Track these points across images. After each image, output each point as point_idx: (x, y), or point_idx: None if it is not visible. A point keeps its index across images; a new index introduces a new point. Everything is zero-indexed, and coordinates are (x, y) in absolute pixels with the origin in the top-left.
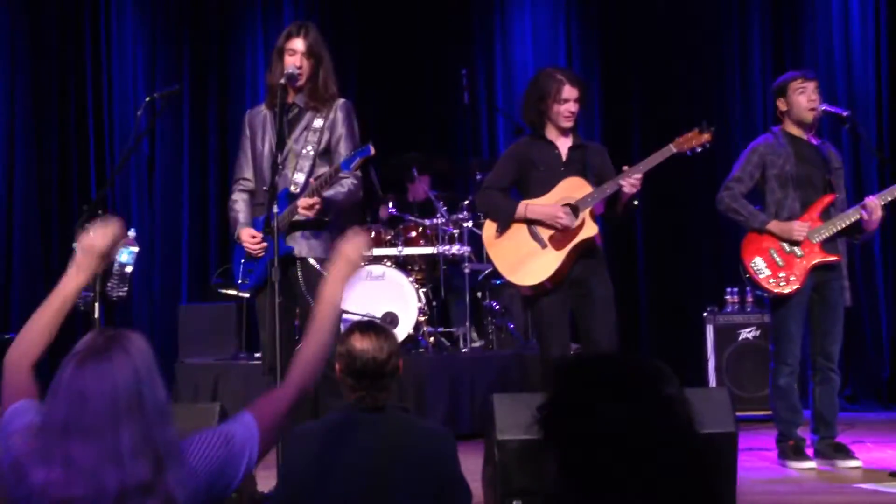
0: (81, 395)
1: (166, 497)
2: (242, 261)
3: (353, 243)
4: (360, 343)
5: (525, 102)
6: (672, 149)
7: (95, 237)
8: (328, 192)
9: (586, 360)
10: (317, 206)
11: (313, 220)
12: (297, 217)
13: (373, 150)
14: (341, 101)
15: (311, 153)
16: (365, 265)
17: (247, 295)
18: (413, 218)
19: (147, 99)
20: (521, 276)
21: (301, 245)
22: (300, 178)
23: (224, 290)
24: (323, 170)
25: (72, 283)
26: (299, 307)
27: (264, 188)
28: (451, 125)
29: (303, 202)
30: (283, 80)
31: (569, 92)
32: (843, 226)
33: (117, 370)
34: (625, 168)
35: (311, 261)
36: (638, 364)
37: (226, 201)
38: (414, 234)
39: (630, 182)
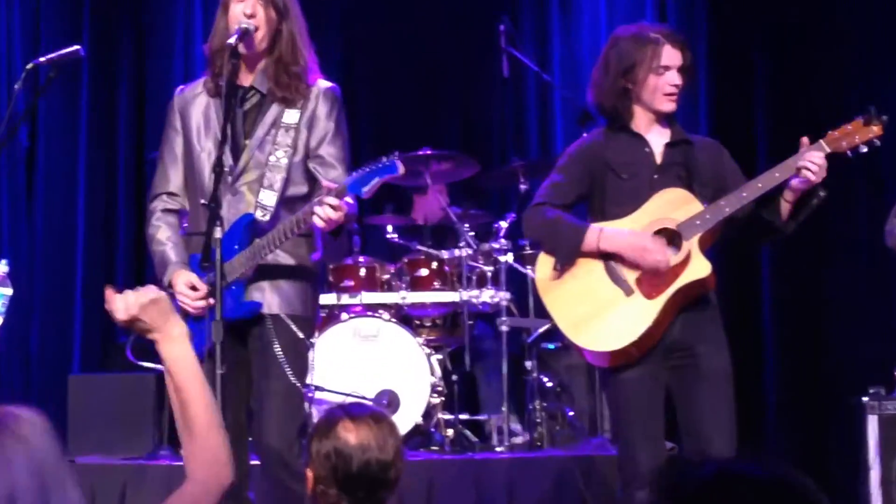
0: None
1: None
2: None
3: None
4: (354, 436)
5: (599, 77)
6: (825, 147)
7: None
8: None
9: (696, 477)
10: (342, 211)
11: (291, 261)
12: (275, 257)
13: (401, 169)
14: (325, 85)
15: (285, 162)
16: (347, 319)
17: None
18: (423, 248)
19: (27, 67)
20: (593, 337)
21: (271, 297)
22: (268, 199)
23: (141, 361)
24: (300, 188)
25: None
26: (263, 383)
27: (203, 204)
28: (482, 110)
29: (332, 199)
30: (232, 40)
31: (670, 56)
32: None
33: (10, 467)
34: (804, 140)
35: (284, 317)
36: (780, 486)
37: (142, 222)
38: (425, 271)
39: (811, 163)
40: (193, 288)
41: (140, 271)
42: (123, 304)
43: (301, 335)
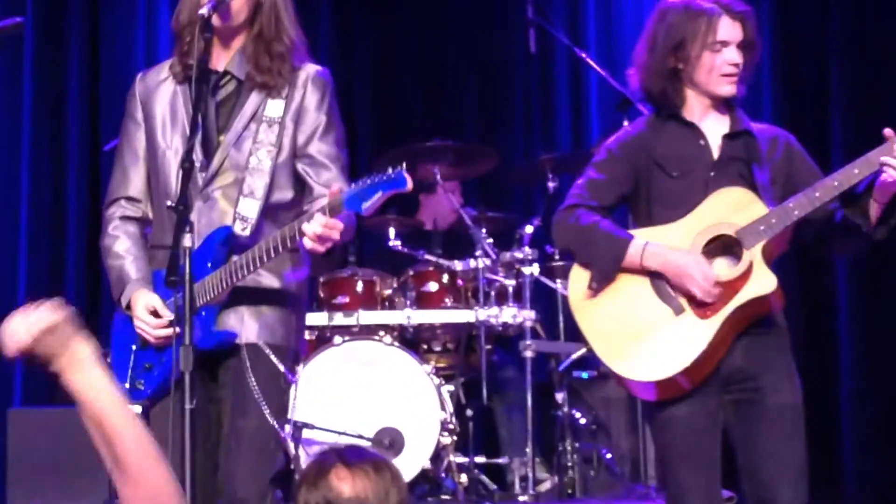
0: None
1: None
2: (134, 347)
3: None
4: (350, 486)
5: (644, 56)
6: None
7: None
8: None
9: None
10: (338, 231)
11: (273, 282)
12: (255, 277)
13: (410, 184)
14: (313, 69)
15: (268, 165)
16: (341, 343)
17: (137, 409)
18: (432, 257)
19: None
20: (636, 364)
21: (250, 324)
22: (249, 208)
23: None
24: (285, 194)
25: None
26: (234, 423)
27: (169, 206)
28: (503, 93)
29: (322, 219)
30: (204, 10)
31: (728, 30)
32: None
33: None
34: (888, 132)
35: (262, 345)
36: None
37: (96, 230)
38: (434, 286)
39: None
40: (155, 314)
41: (94, 287)
42: (12, 332)
43: (282, 368)
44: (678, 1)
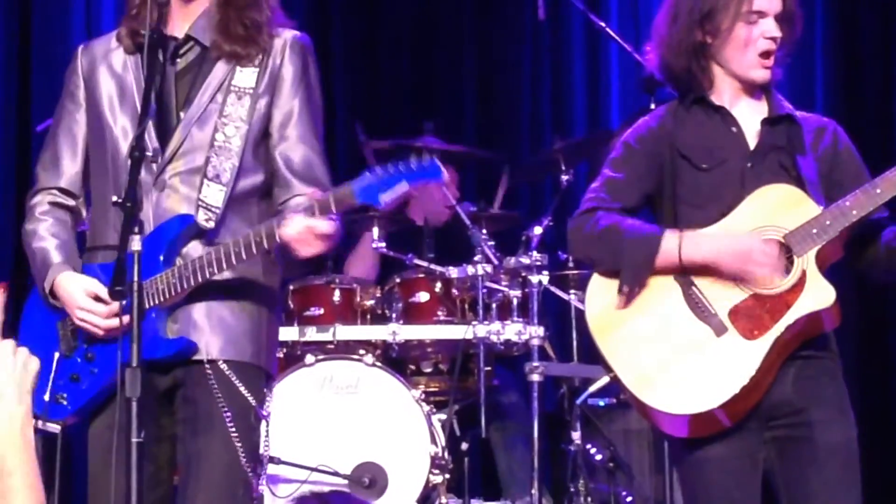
0: None
1: None
2: (57, 354)
3: None
4: None
5: (666, 28)
6: None
7: None
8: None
9: None
10: (329, 238)
11: (237, 283)
12: (224, 274)
13: (446, 175)
14: (291, 35)
15: (237, 144)
16: (314, 363)
17: (56, 428)
18: (422, 262)
19: None
20: (669, 394)
21: (210, 337)
22: (216, 194)
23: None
24: (255, 178)
25: None
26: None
27: (115, 202)
28: (507, 69)
29: (307, 221)
30: None
31: None
32: None
33: None
34: None
35: (223, 365)
36: None
37: (18, 226)
38: (424, 296)
39: None
40: (96, 298)
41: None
42: None
43: (250, 397)
44: None
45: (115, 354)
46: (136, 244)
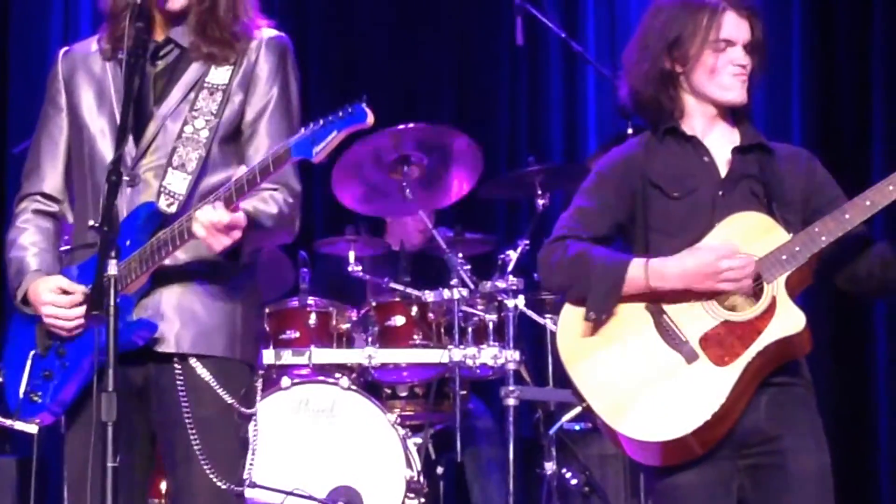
0: None
1: None
2: (32, 353)
3: None
4: None
5: (635, 56)
6: None
7: None
8: (247, 206)
9: None
10: (237, 230)
11: (207, 270)
12: (182, 262)
13: (371, 117)
14: (268, 34)
15: (205, 135)
16: (290, 386)
17: (32, 428)
18: (398, 285)
19: None
20: (640, 422)
21: (176, 326)
22: (179, 182)
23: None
24: (227, 172)
25: None
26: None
27: (92, 226)
28: (484, 91)
29: (209, 214)
30: None
31: (734, 27)
32: None
33: None
34: None
35: (195, 362)
36: None
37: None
38: (400, 320)
39: None
40: (65, 293)
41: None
42: None
43: (227, 397)
44: None
45: (85, 346)
46: (112, 268)
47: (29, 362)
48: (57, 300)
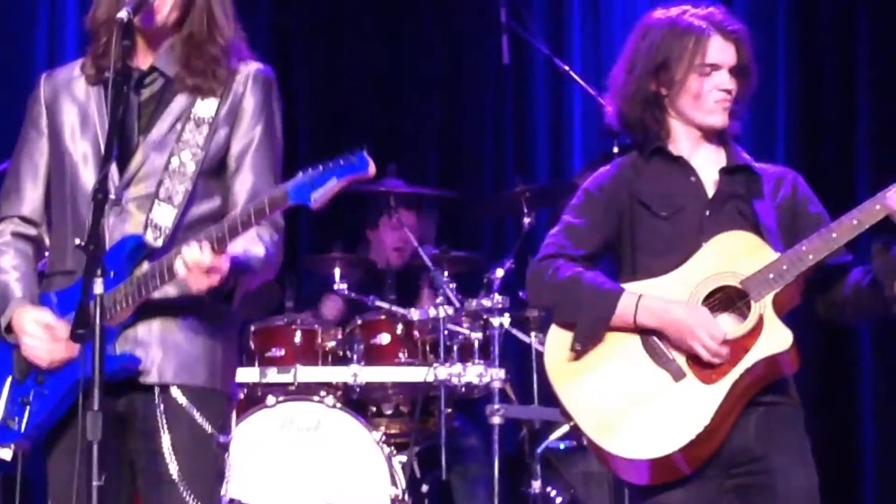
0: None
1: None
2: (10, 379)
3: None
4: None
5: (622, 78)
6: None
7: None
8: (237, 249)
9: None
10: (221, 272)
11: (191, 302)
12: (165, 293)
13: (372, 167)
14: (255, 67)
15: (192, 169)
16: (275, 404)
17: (6, 454)
18: (384, 303)
19: None
20: (628, 440)
21: (158, 357)
22: (166, 215)
23: None
24: (211, 204)
25: None
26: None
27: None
28: (471, 111)
29: (194, 254)
30: (123, 13)
31: (720, 51)
32: None
33: None
34: None
35: (176, 392)
36: None
37: None
38: (385, 338)
39: None
40: (48, 327)
41: None
42: None
43: (206, 425)
44: (663, 17)
45: (66, 376)
46: (98, 287)
47: (6, 388)
48: (41, 335)
